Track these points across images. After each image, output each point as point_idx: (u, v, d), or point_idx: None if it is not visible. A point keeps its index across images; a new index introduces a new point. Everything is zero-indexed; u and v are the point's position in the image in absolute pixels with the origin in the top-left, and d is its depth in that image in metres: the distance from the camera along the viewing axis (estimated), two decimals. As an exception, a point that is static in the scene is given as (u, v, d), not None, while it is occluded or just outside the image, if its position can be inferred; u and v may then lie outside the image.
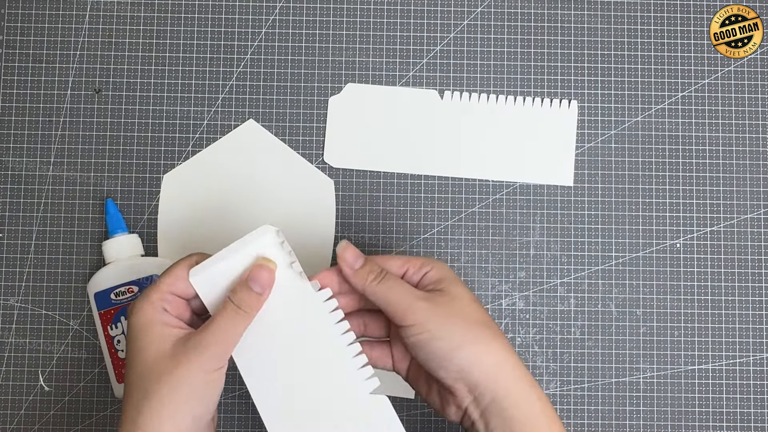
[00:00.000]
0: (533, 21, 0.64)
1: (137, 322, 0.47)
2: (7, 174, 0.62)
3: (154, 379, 0.45)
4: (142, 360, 0.46)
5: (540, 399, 0.47)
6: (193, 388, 0.45)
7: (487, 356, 0.47)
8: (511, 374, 0.47)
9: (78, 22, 0.64)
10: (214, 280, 0.48)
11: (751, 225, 0.62)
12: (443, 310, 0.48)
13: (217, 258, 0.49)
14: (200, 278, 0.48)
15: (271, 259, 0.48)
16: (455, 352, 0.46)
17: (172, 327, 0.47)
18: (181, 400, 0.45)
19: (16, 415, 0.61)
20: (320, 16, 0.64)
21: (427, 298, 0.48)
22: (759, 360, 0.61)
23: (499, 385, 0.46)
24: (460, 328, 0.47)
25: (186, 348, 0.46)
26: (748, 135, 0.63)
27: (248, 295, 0.47)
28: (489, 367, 0.47)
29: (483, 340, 0.47)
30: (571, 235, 0.62)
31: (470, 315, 0.48)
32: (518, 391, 0.47)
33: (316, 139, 0.63)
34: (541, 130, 0.63)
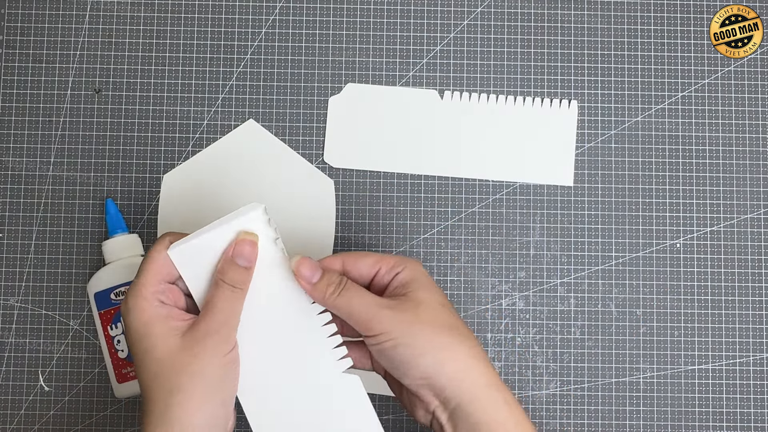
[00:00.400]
0: (533, 21, 0.64)
1: (136, 323, 0.46)
2: (7, 174, 0.62)
3: (174, 374, 0.45)
4: (154, 359, 0.46)
5: (507, 402, 0.46)
6: (214, 375, 0.45)
7: (452, 362, 0.46)
8: (478, 380, 0.46)
9: (78, 22, 0.64)
10: (193, 254, 0.48)
11: (751, 225, 0.62)
12: (407, 317, 0.47)
13: (198, 232, 0.48)
14: (178, 251, 0.47)
15: (251, 232, 0.48)
16: (419, 359, 0.46)
17: (174, 320, 0.47)
18: (206, 389, 0.45)
19: (16, 415, 0.61)
20: (320, 16, 0.64)
21: (390, 306, 0.47)
22: (759, 360, 0.61)
23: (464, 391, 0.46)
24: (425, 334, 0.46)
25: (196, 338, 0.46)
26: (748, 135, 0.63)
27: (237, 272, 0.47)
28: (454, 372, 0.46)
29: (448, 346, 0.46)
30: (571, 235, 0.62)
31: (436, 320, 0.47)
32: (485, 396, 0.46)
33: (316, 139, 0.63)
34: (541, 130, 0.63)
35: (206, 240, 0.48)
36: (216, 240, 0.48)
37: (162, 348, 0.46)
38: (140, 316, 0.46)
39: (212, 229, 0.48)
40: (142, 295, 0.46)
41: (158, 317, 0.46)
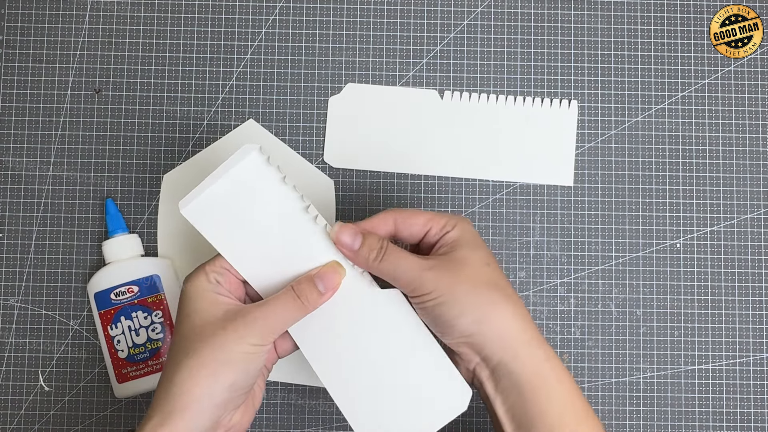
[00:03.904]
0: (533, 21, 0.64)
1: (190, 289, 0.48)
2: (7, 174, 0.62)
3: (197, 339, 0.46)
4: (190, 322, 0.47)
5: (548, 359, 0.47)
6: (232, 356, 0.46)
7: (491, 320, 0.46)
8: (518, 337, 0.47)
9: (78, 22, 0.64)
10: (205, 209, 0.48)
11: (751, 225, 0.62)
12: (449, 276, 0.47)
13: (204, 186, 0.48)
14: (191, 208, 0.48)
15: (342, 266, 0.49)
16: (460, 318, 0.46)
17: (224, 297, 0.48)
18: (219, 364, 0.45)
19: (16, 415, 0.61)
20: (320, 16, 0.64)
21: (433, 267, 0.47)
22: (759, 360, 0.61)
23: (504, 348, 0.46)
24: (466, 292, 0.47)
25: (234, 317, 0.46)
26: (748, 135, 0.63)
27: (310, 290, 0.48)
28: (494, 330, 0.46)
29: (488, 304, 0.47)
30: (571, 235, 0.62)
31: (478, 278, 0.47)
32: (525, 352, 0.46)
33: (316, 139, 0.63)
34: (541, 130, 0.63)
35: (214, 193, 0.48)
36: (226, 191, 0.48)
37: (202, 314, 0.47)
38: (195, 284, 0.48)
39: (216, 180, 0.48)
40: (204, 269, 0.49)
41: (210, 290, 0.48)
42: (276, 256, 0.49)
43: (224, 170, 0.48)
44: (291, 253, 0.49)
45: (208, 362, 0.45)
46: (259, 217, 0.48)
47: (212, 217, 0.48)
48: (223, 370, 0.45)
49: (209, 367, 0.45)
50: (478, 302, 0.47)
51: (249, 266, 0.49)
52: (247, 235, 0.48)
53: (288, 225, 0.48)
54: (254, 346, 0.46)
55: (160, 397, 0.46)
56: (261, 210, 0.48)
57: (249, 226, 0.48)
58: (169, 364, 0.47)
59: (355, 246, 0.48)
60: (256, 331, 0.46)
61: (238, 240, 0.48)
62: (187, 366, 0.45)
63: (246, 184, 0.48)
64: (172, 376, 0.46)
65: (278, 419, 0.61)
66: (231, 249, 0.49)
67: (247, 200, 0.48)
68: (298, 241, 0.49)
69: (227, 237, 0.48)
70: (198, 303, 0.47)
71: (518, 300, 0.48)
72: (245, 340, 0.46)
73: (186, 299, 0.48)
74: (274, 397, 0.61)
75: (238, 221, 0.48)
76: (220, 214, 0.48)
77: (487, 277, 0.48)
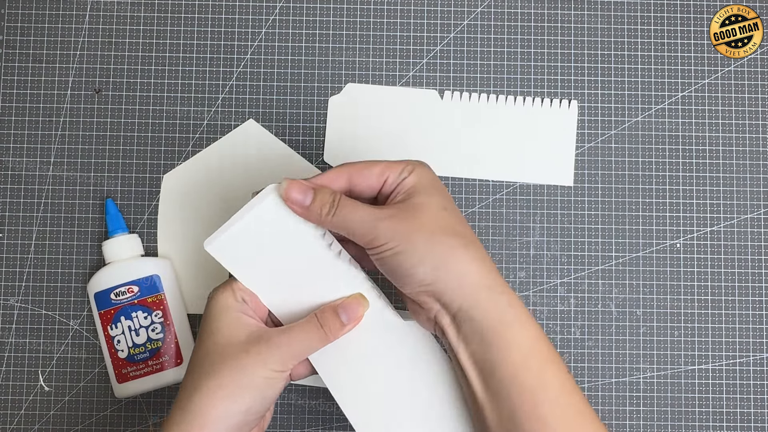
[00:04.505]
0: (533, 21, 0.64)
1: (215, 305, 0.48)
2: (7, 174, 0.62)
3: (219, 360, 0.46)
4: (214, 341, 0.47)
5: (511, 305, 0.45)
6: (252, 380, 0.46)
7: (450, 266, 0.45)
8: (479, 282, 0.45)
9: (78, 22, 0.64)
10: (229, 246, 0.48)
11: (751, 225, 0.62)
12: (405, 224, 0.45)
13: (229, 224, 0.49)
14: (215, 246, 0.48)
15: (366, 298, 0.49)
16: (418, 267, 0.45)
17: (250, 318, 0.48)
18: (238, 387, 0.45)
19: (16, 415, 0.61)
20: (320, 16, 0.64)
21: (389, 215, 0.46)
22: (759, 360, 0.61)
23: (464, 295, 0.45)
24: (423, 240, 0.45)
25: (258, 341, 0.46)
26: (748, 135, 0.63)
27: (333, 320, 0.48)
28: (452, 277, 0.45)
29: (446, 251, 0.45)
30: (571, 235, 0.62)
31: (436, 224, 0.46)
32: (486, 298, 0.45)
33: (316, 139, 0.63)
34: (541, 130, 0.63)
35: (238, 231, 0.48)
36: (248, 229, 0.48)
37: (225, 334, 0.47)
38: (220, 301, 0.48)
39: (240, 219, 0.48)
40: (230, 287, 0.48)
41: (235, 308, 0.48)
42: (300, 291, 0.49)
43: (249, 209, 0.48)
44: (315, 288, 0.49)
45: (227, 384, 0.45)
46: (282, 254, 0.49)
47: (237, 253, 0.49)
48: (242, 393, 0.46)
49: (228, 390, 0.45)
50: (435, 250, 0.45)
51: (274, 299, 0.49)
52: (271, 270, 0.49)
53: (312, 261, 0.49)
54: (274, 371, 0.46)
55: (177, 413, 0.46)
56: (285, 247, 0.49)
57: (273, 261, 0.49)
58: (189, 380, 0.47)
59: (306, 202, 0.47)
60: (277, 357, 0.46)
61: (262, 274, 0.49)
62: (206, 386, 0.46)
63: (269, 222, 0.48)
64: (191, 394, 0.46)
65: (278, 419, 0.61)
66: (256, 282, 0.49)
67: (271, 237, 0.48)
68: (321, 277, 0.49)
69: (251, 272, 0.49)
70: (222, 321, 0.47)
71: (478, 245, 0.46)
72: (267, 365, 0.46)
73: (210, 315, 0.48)
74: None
75: (262, 256, 0.49)
76: (245, 250, 0.49)
77: (445, 222, 0.46)
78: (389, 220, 0.46)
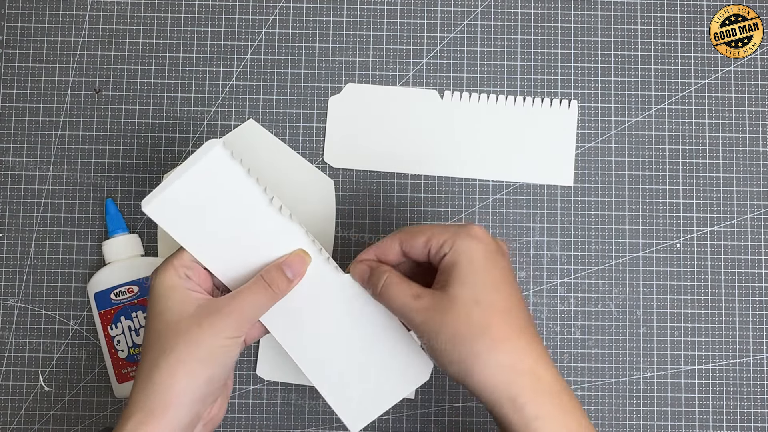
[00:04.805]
0: (533, 21, 0.64)
1: (159, 285, 0.48)
2: (7, 174, 0.62)
3: (173, 336, 0.46)
4: (164, 320, 0.47)
5: (538, 417, 0.43)
6: (210, 350, 0.46)
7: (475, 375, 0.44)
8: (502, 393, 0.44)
9: (78, 22, 0.64)
10: (169, 206, 0.48)
11: (751, 225, 0.62)
12: (436, 322, 0.45)
13: (165, 183, 0.48)
14: (154, 206, 0.48)
15: (307, 253, 0.49)
16: (447, 367, 0.46)
17: (194, 292, 0.48)
18: (197, 360, 0.46)
19: (16, 415, 0.61)
20: (320, 16, 0.64)
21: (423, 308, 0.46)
22: (759, 360, 0.61)
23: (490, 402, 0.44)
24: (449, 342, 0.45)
25: (209, 311, 0.47)
26: (748, 135, 0.63)
27: (279, 277, 0.48)
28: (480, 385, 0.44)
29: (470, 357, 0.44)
30: (571, 235, 0.62)
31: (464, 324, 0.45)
32: (510, 411, 0.44)
33: (316, 139, 0.63)
34: (541, 130, 0.63)
35: (178, 189, 0.48)
36: (189, 187, 0.48)
37: (174, 311, 0.47)
38: (164, 280, 0.48)
39: (179, 177, 0.48)
40: (172, 264, 0.48)
41: (180, 286, 0.48)
42: (242, 249, 0.49)
43: (188, 166, 0.48)
44: (257, 245, 0.49)
45: (186, 359, 0.45)
46: (224, 212, 0.49)
47: (176, 213, 0.48)
48: (201, 365, 0.46)
49: (188, 364, 0.45)
50: (461, 354, 0.44)
51: (215, 260, 0.49)
52: (213, 230, 0.49)
53: (254, 217, 0.49)
54: (230, 338, 0.47)
55: (139, 395, 0.46)
56: (226, 204, 0.49)
57: (214, 221, 0.49)
58: (145, 361, 0.47)
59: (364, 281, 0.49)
60: (231, 324, 0.46)
61: (203, 235, 0.49)
62: (165, 363, 0.46)
63: (210, 179, 0.48)
64: (150, 374, 0.46)
65: (278, 419, 0.61)
66: (197, 245, 0.49)
67: (212, 195, 0.49)
68: (263, 233, 0.49)
69: (192, 233, 0.49)
70: (170, 300, 0.47)
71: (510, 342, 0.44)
72: (221, 333, 0.46)
73: (156, 296, 0.48)
74: (274, 397, 0.61)
75: (202, 216, 0.49)
76: (185, 210, 0.48)
77: (474, 320, 0.45)
78: (422, 313, 0.46)
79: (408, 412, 0.61)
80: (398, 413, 0.61)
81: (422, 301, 0.46)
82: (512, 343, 0.45)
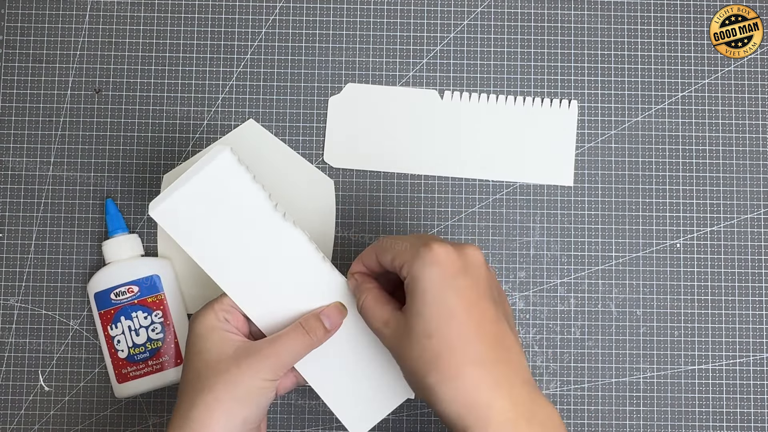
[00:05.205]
0: (533, 21, 0.64)
1: (199, 326, 0.49)
2: (7, 174, 0.62)
3: (212, 375, 0.47)
4: (203, 359, 0.48)
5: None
6: (248, 391, 0.47)
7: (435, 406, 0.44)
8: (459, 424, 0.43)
9: (78, 22, 0.64)
10: (176, 210, 0.48)
11: (751, 225, 0.62)
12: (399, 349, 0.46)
13: (175, 186, 0.49)
14: (161, 210, 0.48)
15: (345, 306, 0.51)
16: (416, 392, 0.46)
17: (233, 334, 0.49)
18: (235, 399, 0.46)
19: (16, 415, 0.61)
20: (320, 16, 0.64)
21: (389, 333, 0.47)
22: (759, 360, 0.61)
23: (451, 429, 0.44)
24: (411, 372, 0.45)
25: (247, 353, 0.48)
26: (748, 135, 0.63)
27: (318, 327, 0.49)
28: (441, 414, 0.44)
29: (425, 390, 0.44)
30: (571, 235, 0.62)
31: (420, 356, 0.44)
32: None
33: (316, 139, 0.63)
34: (541, 130, 0.63)
35: (186, 193, 0.48)
36: (197, 191, 0.48)
37: (213, 352, 0.48)
38: (204, 322, 0.49)
39: (186, 182, 0.48)
40: (212, 308, 0.50)
41: (219, 328, 0.49)
42: (245, 255, 0.50)
43: (196, 170, 0.49)
44: (260, 251, 0.50)
45: (224, 398, 0.46)
46: (228, 216, 0.49)
47: (182, 218, 0.49)
48: (238, 405, 0.47)
49: (226, 403, 0.46)
50: (417, 387, 0.45)
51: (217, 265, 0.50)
52: (216, 234, 0.49)
53: (258, 223, 0.50)
54: (267, 381, 0.47)
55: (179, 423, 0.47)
56: (231, 209, 0.49)
57: (218, 226, 0.49)
58: (183, 400, 0.48)
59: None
60: (269, 366, 0.47)
61: (206, 239, 0.49)
62: (203, 402, 0.46)
63: (217, 184, 0.49)
64: (188, 412, 0.47)
65: (278, 419, 0.61)
66: (200, 249, 0.49)
67: (218, 200, 0.49)
68: (267, 239, 0.50)
69: (196, 237, 0.49)
70: (209, 341, 0.49)
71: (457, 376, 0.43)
72: (259, 375, 0.47)
73: (196, 337, 0.49)
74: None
75: (207, 221, 0.49)
76: (190, 214, 0.49)
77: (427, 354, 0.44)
78: (388, 340, 0.47)
79: (408, 412, 0.61)
80: (398, 413, 0.61)
81: (389, 329, 0.47)
82: (462, 377, 0.43)
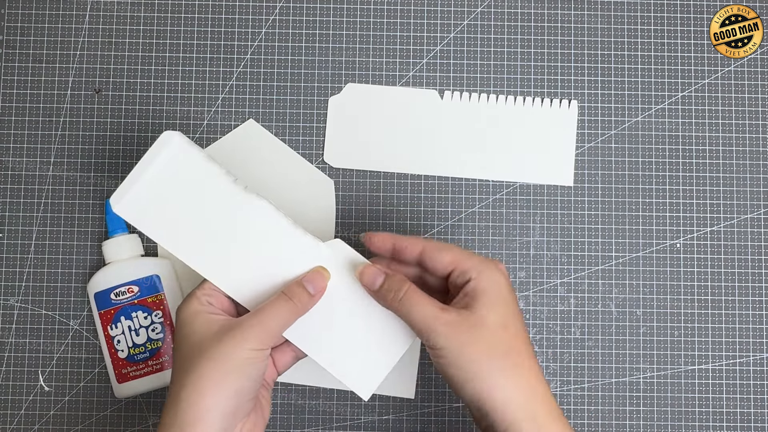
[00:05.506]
0: (533, 21, 0.64)
1: (184, 315, 0.50)
2: (7, 174, 0.62)
3: (197, 355, 0.47)
4: (189, 343, 0.48)
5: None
6: (234, 363, 0.47)
7: (496, 393, 0.46)
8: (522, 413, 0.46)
9: (78, 22, 0.64)
10: (139, 201, 0.49)
11: (751, 225, 0.62)
12: (462, 338, 0.47)
13: (132, 179, 0.49)
14: (123, 205, 0.49)
15: (327, 270, 0.51)
16: (467, 384, 0.47)
17: (216, 315, 0.49)
18: (222, 374, 0.46)
19: (16, 415, 0.61)
20: (320, 16, 0.64)
21: (449, 322, 0.47)
22: (759, 360, 0.61)
23: (508, 422, 0.46)
24: (474, 359, 0.46)
25: (229, 328, 0.48)
26: (748, 135, 0.63)
27: (301, 292, 0.49)
28: (498, 404, 0.46)
29: (494, 375, 0.46)
30: (571, 235, 0.62)
31: (491, 344, 0.47)
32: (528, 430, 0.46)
33: (316, 139, 0.63)
34: (541, 130, 0.63)
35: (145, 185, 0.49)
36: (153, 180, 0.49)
37: (198, 333, 0.48)
38: (188, 308, 0.50)
39: (143, 172, 0.49)
40: (194, 294, 0.50)
41: (203, 311, 0.49)
42: (214, 233, 0.50)
43: (150, 159, 0.49)
44: (229, 226, 0.50)
45: (210, 374, 0.46)
46: (191, 199, 0.50)
47: (147, 209, 0.49)
48: (225, 378, 0.46)
49: (212, 378, 0.46)
50: (484, 372, 0.46)
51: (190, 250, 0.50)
52: (184, 220, 0.50)
53: (221, 200, 0.50)
54: (254, 351, 0.47)
55: (169, 415, 0.47)
56: (192, 191, 0.50)
57: (183, 210, 0.50)
58: (173, 384, 0.48)
59: (374, 286, 0.50)
60: (253, 335, 0.47)
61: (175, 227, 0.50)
62: (190, 381, 0.46)
63: (174, 169, 0.49)
64: (178, 393, 0.47)
65: (278, 419, 0.61)
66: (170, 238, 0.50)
67: (177, 185, 0.49)
68: (234, 214, 0.50)
69: (165, 227, 0.50)
70: (194, 324, 0.49)
71: (529, 367, 0.47)
72: (243, 345, 0.47)
73: (181, 323, 0.50)
74: (274, 397, 0.61)
75: (171, 207, 0.50)
76: (155, 204, 0.49)
77: (500, 341, 0.47)
78: (448, 327, 0.47)
79: (408, 412, 0.61)
80: (398, 413, 0.61)
81: (447, 316, 0.47)
82: (533, 368, 0.48)
